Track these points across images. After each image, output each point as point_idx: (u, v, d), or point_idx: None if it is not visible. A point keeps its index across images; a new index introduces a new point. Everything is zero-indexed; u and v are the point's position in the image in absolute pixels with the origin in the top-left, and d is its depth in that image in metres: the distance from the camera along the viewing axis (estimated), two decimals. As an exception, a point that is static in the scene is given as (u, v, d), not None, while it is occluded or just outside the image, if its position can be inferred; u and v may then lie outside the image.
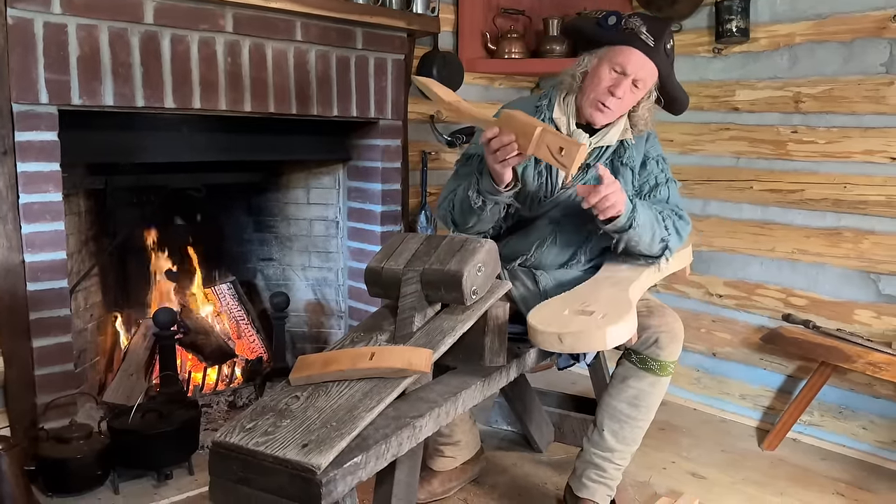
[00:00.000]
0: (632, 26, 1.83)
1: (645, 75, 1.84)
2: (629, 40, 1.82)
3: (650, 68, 1.84)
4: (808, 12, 2.54)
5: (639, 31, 1.81)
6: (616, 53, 1.84)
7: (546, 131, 1.63)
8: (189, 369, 2.72)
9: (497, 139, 1.66)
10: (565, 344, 1.60)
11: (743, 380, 2.83)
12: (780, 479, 2.36)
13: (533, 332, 1.66)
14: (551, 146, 1.63)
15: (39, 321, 2.03)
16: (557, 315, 1.68)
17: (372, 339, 1.54)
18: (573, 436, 2.53)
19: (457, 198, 1.91)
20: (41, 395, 2.05)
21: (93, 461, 2.02)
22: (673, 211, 1.93)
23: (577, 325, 1.61)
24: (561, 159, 1.62)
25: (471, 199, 1.82)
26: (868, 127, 2.43)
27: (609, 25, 1.86)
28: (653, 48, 1.81)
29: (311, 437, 1.20)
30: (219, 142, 2.51)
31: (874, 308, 2.48)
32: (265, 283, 3.09)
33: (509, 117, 1.67)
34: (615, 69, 1.84)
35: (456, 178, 2.02)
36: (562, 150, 1.62)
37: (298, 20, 2.40)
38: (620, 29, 1.84)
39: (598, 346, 1.62)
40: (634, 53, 1.82)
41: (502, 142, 1.65)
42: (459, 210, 1.90)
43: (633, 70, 1.83)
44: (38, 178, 1.98)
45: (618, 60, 1.83)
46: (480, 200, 1.81)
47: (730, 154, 2.80)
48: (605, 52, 1.87)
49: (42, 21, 1.94)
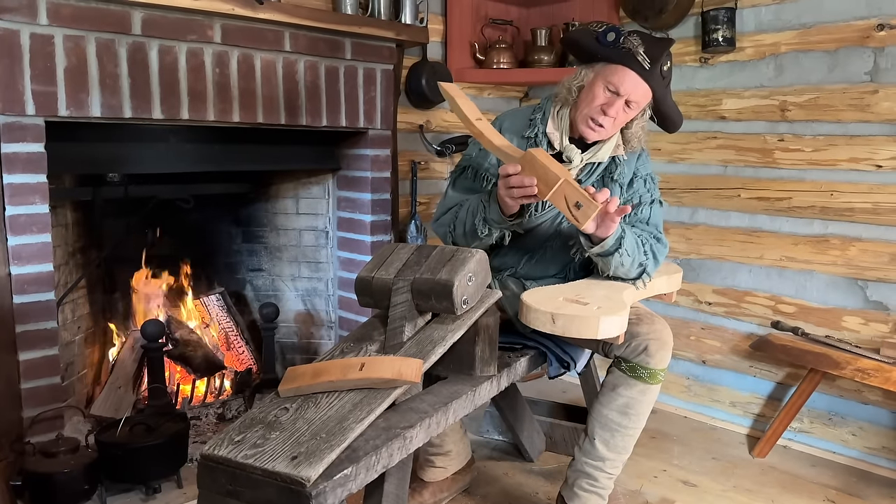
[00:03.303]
0: (629, 46, 1.81)
1: (638, 97, 1.85)
2: (625, 60, 1.82)
3: (644, 90, 1.84)
4: (792, 22, 2.56)
5: (636, 52, 1.80)
6: (611, 72, 1.83)
7: (568, 184, 1.63)
8: (178, 381, 2.70)
9: (517, 178, 1.67)
10: (557, 325, 1.61)
11: (733, 387, 2.83)
12: (770, 487, 2.36)
13: (526, 310, 1.68)
14: (569, 198, 1.64)
15: (26, 334, 2.00)
16: (552, 299, 1.70)
17: (362, 350, 1.53)
18: (564, 445, 2.53)
19: (458, 220, 1.91)
20: (27, 409, 2.02)
21: (80, 475, 1.99)
22: (651, 234, 1.95)
23: (572, 310, 1.63)
24: (576, 214, 1.64)
25: (477, 229, 1.83)
26: (853, 135, 2.46)
27: (607, 42, 1.85)
28: (648, 71, 1.80)
29: (300, 450, 1.19)
30: (207, 152, 2.50)
31: (862, 314, 2.49)
32: (254, 294, 3.08)
33: (533, 159, 1.66)
34: (609, 88, 1.83)
35: (454, 191, 2.01)
36: (578, 205, 1.63)
37: (287, 31, 2.40)
38: (618, 47, 1.83)
39: (590, 334, 1.63)
40: (629, 75, 1.81)
41: (522, 182, 1.66)
42: (462, 233, 1.90)
43: (627, 91, 1.82)
44: (25, 189, 1.97)
45: (612, 80, 1.83)
46: (487, 229, 1.83)
47: (717, 162, 2.81)
48: (602, 68, 1.86)
49: (29, 32, 1.93)
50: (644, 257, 1.88)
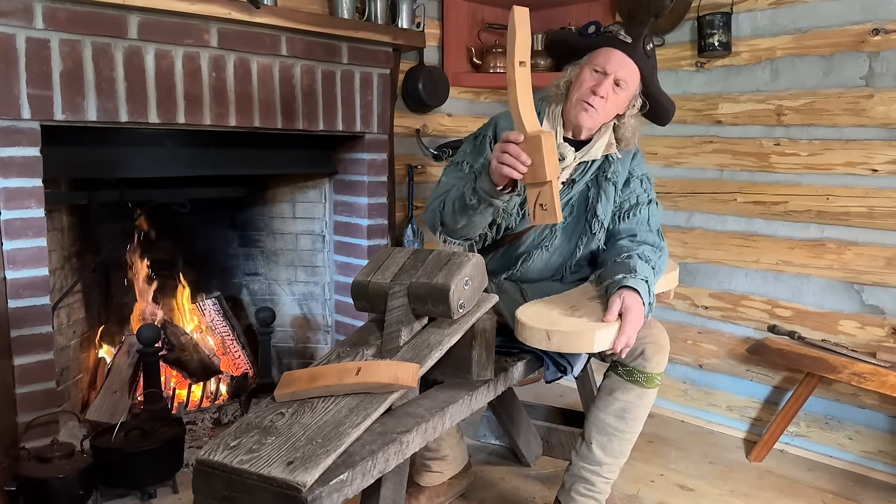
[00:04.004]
0: (611, 31, 1.90)
1: (626, 74, 1.88)
2: (607, 42, 1.89)
3: (630, 66, 1.88)
4: (788, 26, 2.57)
5: (616, 33, 1.88)
6: (596, 56, 1.90)
7: (550, 185, 1.62)
8: (173, 386, 2.69)
9: (516, 148, 1.63)
10: (553, 341, 1.61)
11: (730, 391, 2.83)
12: (767, 491, 2.36)
13: (521, 328, 1.67)
14: (541, 196, 1.64)
15: (21, 338, 2.00)
16: (546, 314, 1.69)
17: (358, 354, 1.53)
18: (561, 449, 2.52)
19: (448, 198, 1.89)
20: (22, 414, 2.02)
21: (75, 481, 1.98)
22: (653, 246, 1.95)
23: (567, 325, 1.63)
24: (536, 212, 1.65)
25: (465, 197, 1.79)
26: (849, 139, 2.46)
27: (589, 34, 1.93)
28: (630, 45, 1.86)
29: (296, 455, 1.19)
30: (203, 156, 2.50)
31: (858, 318, 2.50)
32: (251, 298, 3.07)
33: (540, 145, 1.60)
34: (596, 69, 1.88)
35: (447, 179, 2.00)
36: (544, 206, 1.64)
37: (283, 35, 2.40)
38: (600, 34, 1.91)
39: (586, 348, 1.63)
40: (613, 52, 1.88)
41: (518, 154, 1.62)
42: (451, 209, 1.86)
43: (614, 68, 1.86)
44: (20, 193, 1.97)
45: (598, 61, 1.88)
46: (476, 199, 1.77)
47: (713, 167, 2.82)
48: (587, 58, 1.92)
49: (25, 36, 1.93)
50: (656, 278, 1.88)
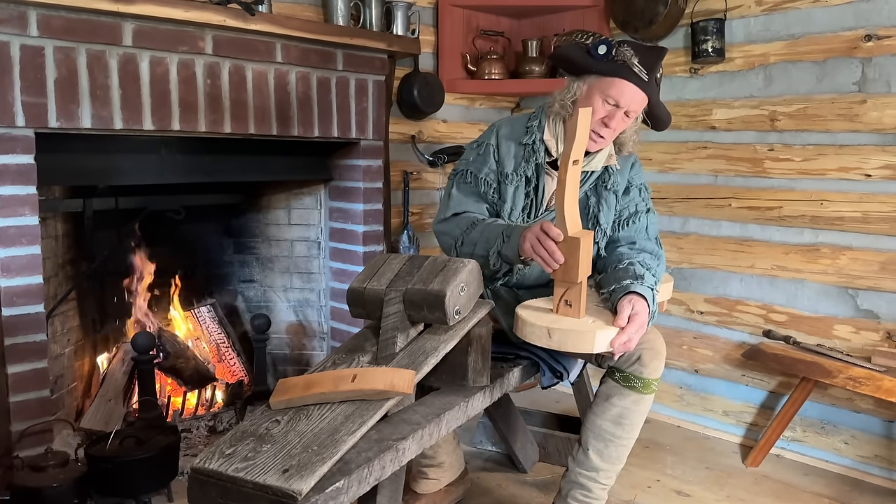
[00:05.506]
0: (623, 58, 1.81)
1: (637, 107, 1.86)
2: (621, 73, 1.81)
3: (641, 99, 1.85)
4: (781, 33, 2.58)
5: (631, 64, 1.80)
6: (608, 85, 1.83)
7: (580, 287, 1.65)
8: (168, 394, 2.68)
9: (553, 245, 1.64)
10: (553, 339, 1.62)
11: (725, 396, 2.84)
12: (763, 496, 2.36)
13: (521, 324, 1.67)
14: (568, 294, 1.67)
15: (15, 347, 1.99)
16: (547, 312, 1.70)
17: (354, 361, 1.53)
18: (558, 455, 2.52)
19: (468, 240, 1.87)
20: (16, 423, 2.00)
21: (69, 489, 1.97)
22: (652, 254, 1.95)
23: (568, 324, 1.63)
24: (560, 307, 1.68)
25: (490, 260, 1.81)
26: (842, 144, 2.47)
27: (600, 55, 1.84)
28: (646, 82, 1.82)
29: (291, 463, 1.18)
30: (199, 163, 2.49)
31: (853, 323, 2.50)
32: (246, 305, 3.06)
33: (578, 247, 1.63)
34: (608, 101, 1.84)
35: (459, 193, 1.98)
36: (569, 303, 1.67)
37: (278, 42, 2.40)
38: (612, 59, 1.83)
39: (586, 348, 1.63)
40: (627, 87, 1.82)
41: (553, 252, 1.64)
42: (469, 253, 1.85)
43: (626, 103, 1.83)
44: (14, 201, 1.96)
45: (611, 93, 1.83)
46: (500, 263, 1.83)
47: (708, 172, 2.83)
48: (596, 81, 1.86)
49: (19, 44, 1.93)
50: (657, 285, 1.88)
